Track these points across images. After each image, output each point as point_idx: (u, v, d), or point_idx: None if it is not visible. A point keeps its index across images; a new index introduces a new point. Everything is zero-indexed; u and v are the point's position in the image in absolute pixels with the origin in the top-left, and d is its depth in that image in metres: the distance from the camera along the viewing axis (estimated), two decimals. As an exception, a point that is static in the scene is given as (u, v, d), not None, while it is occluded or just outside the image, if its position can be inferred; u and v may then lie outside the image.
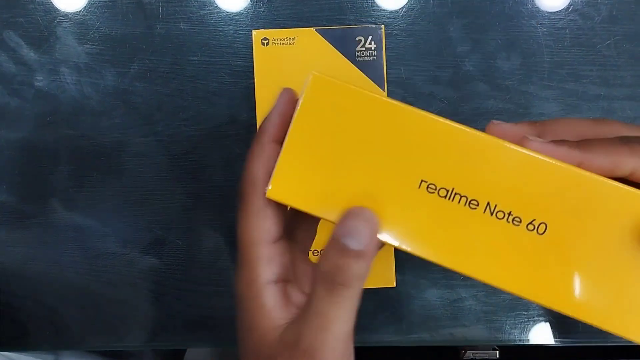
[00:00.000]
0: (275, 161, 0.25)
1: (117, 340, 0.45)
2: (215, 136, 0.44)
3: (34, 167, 0.44)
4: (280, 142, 0.25)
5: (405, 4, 0.44)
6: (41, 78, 0.44)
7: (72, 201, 0.44)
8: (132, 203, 0.44)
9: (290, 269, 0.27)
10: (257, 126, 0.42)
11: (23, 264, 0.45)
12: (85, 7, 0.44)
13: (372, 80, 0.40)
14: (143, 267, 0.45)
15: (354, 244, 0.23)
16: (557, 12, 0.44)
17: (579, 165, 0.23)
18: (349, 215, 0.24)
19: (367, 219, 0.24)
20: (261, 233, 0.25)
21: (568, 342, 0.44)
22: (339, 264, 0.24)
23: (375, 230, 0.24)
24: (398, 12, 0.44)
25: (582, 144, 0.24)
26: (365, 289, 0.42)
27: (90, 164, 0.44)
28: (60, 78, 0.44)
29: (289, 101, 0.25)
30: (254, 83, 0.41)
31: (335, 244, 0.24)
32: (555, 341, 0.44)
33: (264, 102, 0.38)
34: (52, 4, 0.44)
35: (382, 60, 0.41)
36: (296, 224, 0.30)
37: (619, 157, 0.23)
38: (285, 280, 0.26)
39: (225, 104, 0.44)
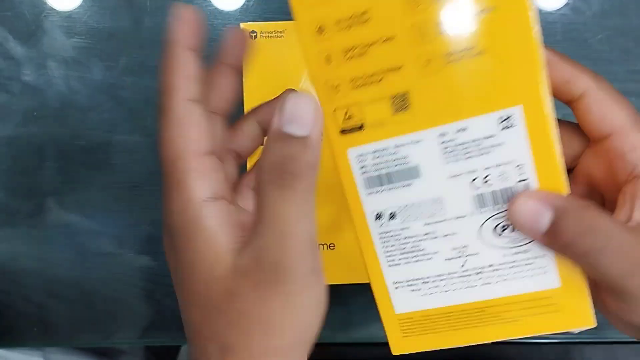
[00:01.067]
0: (191, 65, 0.23)
1: (107, 337, 0.45)
2: (205, 131, 0.43)
3: (21, 162, 0.44)
4: (195, 49, 0.23)
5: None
6: (28, 72, 0.44)
7: (59, 197, 0.44)
8: (121, 199, 0.44)
9: (226, 187, 0.23)
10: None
11: (11, 261, 0.44)
12: (72, 0, 0.43)
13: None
14: (133, 263, 0.44)
15: (297, 129, 0.21)
16: (548, 6, 0.43)
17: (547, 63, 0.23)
18: (287, 100, 0.22)
19: (307, 101, 0.22)
20: (187, 142, 0.22)
21: (563, 339, 0.44)
22: (285, 154, 0.21)
23: (319, 111, 0.22)
24: (389, 6, 0.43)
25: (552, 49, 0.24)
26: (356, 283, 0.42)
27: (78, 160, 0.44)
28: (47, 72, 0.44)
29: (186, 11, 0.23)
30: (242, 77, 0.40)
31: (278, 135, 0.21)
32: (547, 340, 0.44)
33: (252, 96, 0.38)
34: (39, -2, 0.44)
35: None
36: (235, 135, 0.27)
37: (580, 73, 0.24)
38: (224, 198, 0.23)
39: (214, 99, 0.43)
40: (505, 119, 0.23)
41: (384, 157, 0.24)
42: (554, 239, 0.22)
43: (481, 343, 0.26)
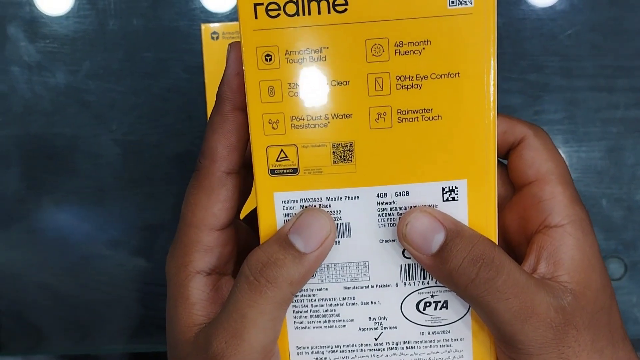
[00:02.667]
0: (238, 133, 0.22)
1: (90, 344, 0.45)
2: (171, 133, 0.43)
3: (-13, 168, 0.43)
4: (243, 109, 0.22)
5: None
6: (-8, 77, 0.43)
7: (24, 202, 0.43)
8: (87, 203, 0.43)
9: (230, 261, 0.24)
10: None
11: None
12: (36, 4, 0.43)
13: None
14: (100, 268, 0.44)
15: (300, 243, 0.21)
16: (516, 2, 0.43)
17: None
18: (307, 211, 0.21)
19: (324, 222, 0.21)
20: (208, 216, 0.22)
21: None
22: (274, 257, 0.21)
23: (330, 240, 0.21)
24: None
25: None
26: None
27: (43, 165, 0.43)
28: (11, 78, 0.43)
29: (238, 59, 0.22)
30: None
31: (281, 237, 0.21)
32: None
33: (215, 97, 0.38)
34: (2, 2, 0.43)
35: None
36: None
37: (517, 123, 0.23)
38: (221, 273, 0.24)
39: (180, 101, 0.43)
40: (450, 191, 0.22)
41: None
42: (442, 264, 0.21)
43: None
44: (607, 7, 0.43)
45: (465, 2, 0.20)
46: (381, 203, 0.22)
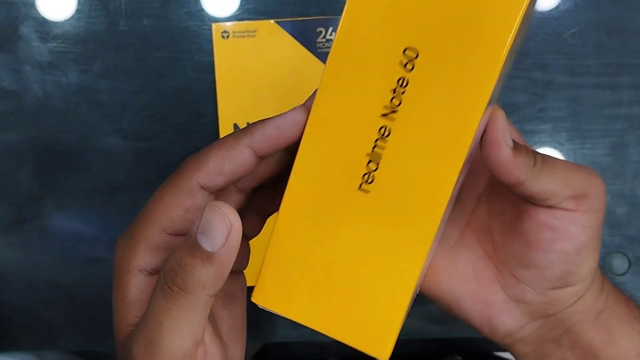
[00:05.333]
0: (235, 165, 0.22)
1: (101, 341, 0.45)
2: (181, 132, 0.44)
3: (-1, 167, 0.44)
4: (260, 157, 0.22)
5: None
6: (4, 77, 0.44)
7: (37, 200, 0.44)
8: (98, 201, 0.44)
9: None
10: (219, 120, 0.42)
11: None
12: (47, 4, 0.44)
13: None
14: (110, 265, 0.44)
15: (206, 243, 0.20)
16: (521, 1, 0.44)
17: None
18: (208, 208, 0.20)
19: (225, 218, 0.20)
20: (164, 217, 0.22)
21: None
22: (183, 263, 0.20)
23: (236, 234, 0.20)
24: (362, 4, 0.44)
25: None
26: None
27: (55, 163, 0.44)
28: (23, 77, 0.44)
29: (294, 122, 0.22)
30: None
31: (188, 239, 0.20)
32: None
33: (226, 95, 0.38)
34: (14, 3, 0.44)
35: (346, 52, 0.41)
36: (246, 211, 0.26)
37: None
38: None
39: (190, 100, 0.44)
40: None
41: None
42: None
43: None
44: (610, 5, 0.43)
45: None
46: None
